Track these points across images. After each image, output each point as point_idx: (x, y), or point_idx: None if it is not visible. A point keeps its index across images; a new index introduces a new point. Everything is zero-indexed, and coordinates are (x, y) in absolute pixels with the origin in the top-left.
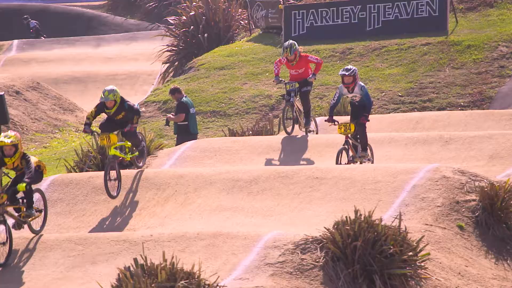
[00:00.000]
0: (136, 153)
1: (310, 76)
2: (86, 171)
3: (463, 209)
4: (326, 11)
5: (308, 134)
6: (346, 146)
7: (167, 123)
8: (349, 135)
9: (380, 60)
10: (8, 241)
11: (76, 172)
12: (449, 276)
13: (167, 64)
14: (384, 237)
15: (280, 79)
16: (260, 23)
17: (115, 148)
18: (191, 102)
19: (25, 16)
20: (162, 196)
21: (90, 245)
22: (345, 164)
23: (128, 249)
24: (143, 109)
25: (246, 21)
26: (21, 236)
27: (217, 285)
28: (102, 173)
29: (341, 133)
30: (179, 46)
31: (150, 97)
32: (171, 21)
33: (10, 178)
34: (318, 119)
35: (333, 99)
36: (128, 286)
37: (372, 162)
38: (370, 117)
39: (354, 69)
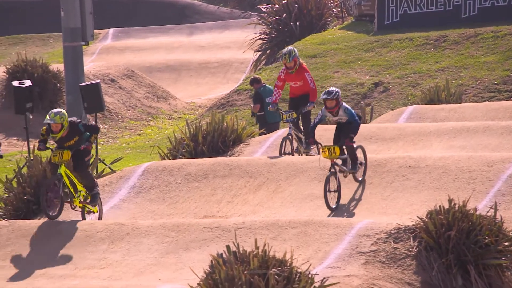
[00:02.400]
0: (88, 199)
1: (308, 104)
2: (179, 158)
3: None
4: None
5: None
6: (334, 170)
7: (253, 114)
8: (335, 160)
9: (475, 47)
10: None
11: (169, 159)
12: None
13: (259, 52)
14: (479, 227)
15: (277, 107)
16: (352, 10)
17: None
18: (271, 91)
19: None
20: (254, 183)
21: (183, 231)
22: (334, 192)
23: (220, 236)
24: (234, 96)
25: (339, 9)
26: (116, 222)
27: (309, 273)
28: (195, 160)
29: (325, 157)
30: (271, 34)
31: (242, 85)
32: (264, 9)
33: None
34: (409, 108)
35: (315, 119)
36: (221, 272)
37: (365, 169)
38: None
39: (337, 91)
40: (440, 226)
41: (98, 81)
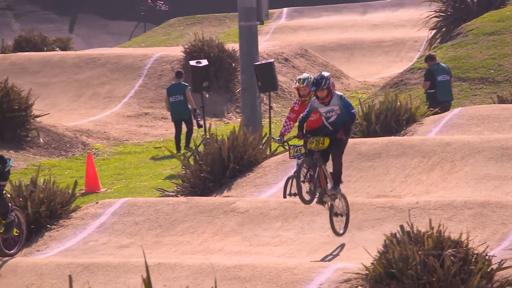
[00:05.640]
0: (2, 229)
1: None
2: (352, 137)
3: None
4: None
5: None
6: (315, 161)
7: (425, 91)
8: (319, 155)
9: None
10: None
11: None
12: None
13: (434, 30)
14: None
15: (283, 140)
16: None
17: None
18: (444, 69)
19: None
20: (428, 163)
21: (356, 211)
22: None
23: (393, 215)
24: (408, 75)
25: None
26: (290, 200)
27: (486, 255)
28: (368, 139)
29: (311, 148)
30: (447, 11)
31: (416, 64)
32: None
33: None
34: None
35: (304, 112)
36: (394, 252)
37: (346, 221)
38: None
39: (327, 79)
40: None
41: (272, 60)
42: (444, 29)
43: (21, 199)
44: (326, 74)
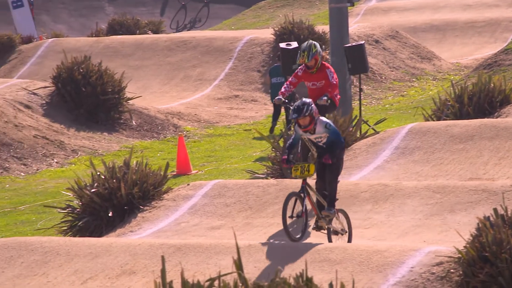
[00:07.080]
0: None
1: (323, 96)
2: (444, 119)
3: None
4: None
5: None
6: (302, 194)
7: None
8: (308, 178)
9: None
10: None
11: (433, 120)
12: None
13: None
14: None
15: (284, 99)
16: None
17: None
18: None
19: None
20: None
21: (448, 193)
22: (295, 218)
23: (487, 198)
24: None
25: None
26: (380, 183)
27: None
28: (460, 121)
29: (295, 177)
30: None
31: (511, 45)
32: None
33: None
34: None
35: (289, 139)
36: (488, 236)
37: (349, 236)
38: None
39: (309, 106)
40: None
41: (362, 42)
42: None
43: (114, 180)
44: (307, 100)
